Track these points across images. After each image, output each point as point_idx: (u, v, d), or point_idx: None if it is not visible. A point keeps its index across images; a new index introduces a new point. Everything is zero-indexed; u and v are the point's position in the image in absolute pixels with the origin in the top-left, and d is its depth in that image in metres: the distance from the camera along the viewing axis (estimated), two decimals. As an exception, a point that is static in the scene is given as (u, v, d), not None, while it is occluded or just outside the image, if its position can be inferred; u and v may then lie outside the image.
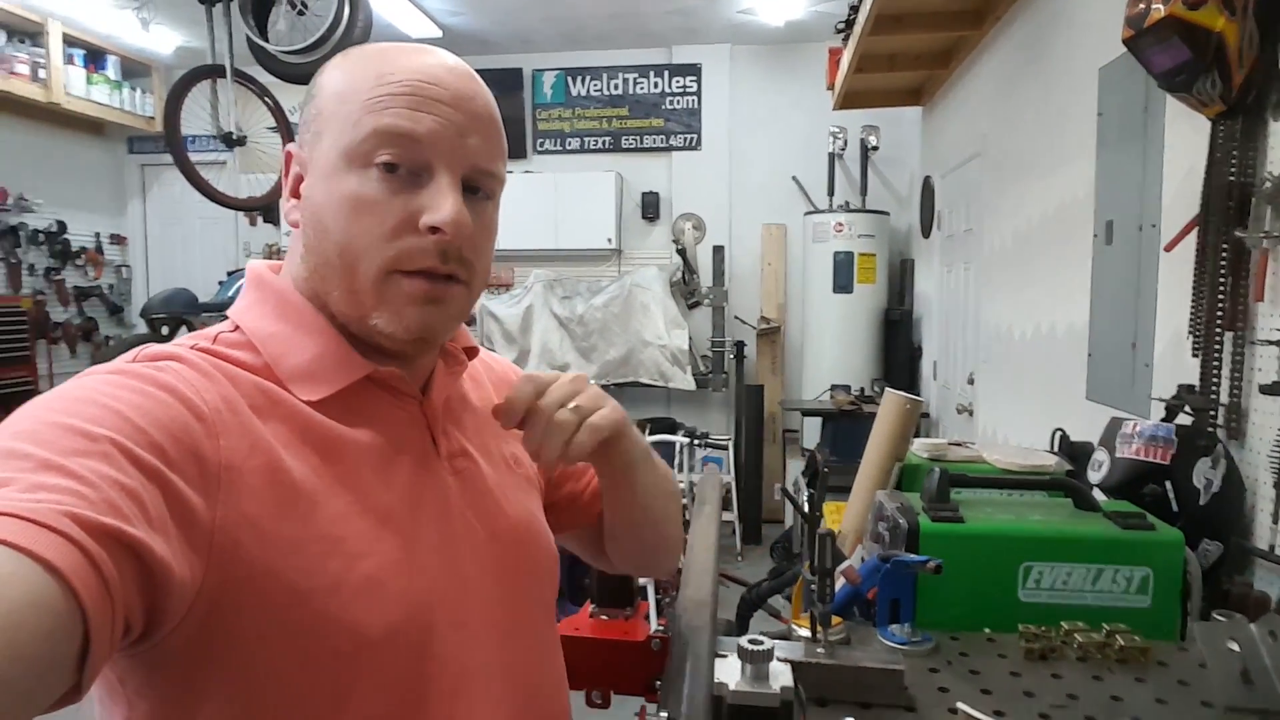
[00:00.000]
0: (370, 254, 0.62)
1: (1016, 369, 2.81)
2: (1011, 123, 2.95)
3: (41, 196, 5.13)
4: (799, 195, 5.57)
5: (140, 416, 0.52)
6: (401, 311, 0.63)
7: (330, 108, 0.64)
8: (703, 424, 5.34)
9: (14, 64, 4.78)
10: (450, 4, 4.82)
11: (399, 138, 0.62)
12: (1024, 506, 1.27)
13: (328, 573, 0.57)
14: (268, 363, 0.63)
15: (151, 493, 0.49)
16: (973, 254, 3.42)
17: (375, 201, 0.62)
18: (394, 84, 0.62)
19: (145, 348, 0.60)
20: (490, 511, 0.72)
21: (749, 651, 0.62)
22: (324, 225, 0.63)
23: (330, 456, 0.61)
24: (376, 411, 0.66)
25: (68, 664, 0.42)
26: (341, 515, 0.60)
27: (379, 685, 0.59)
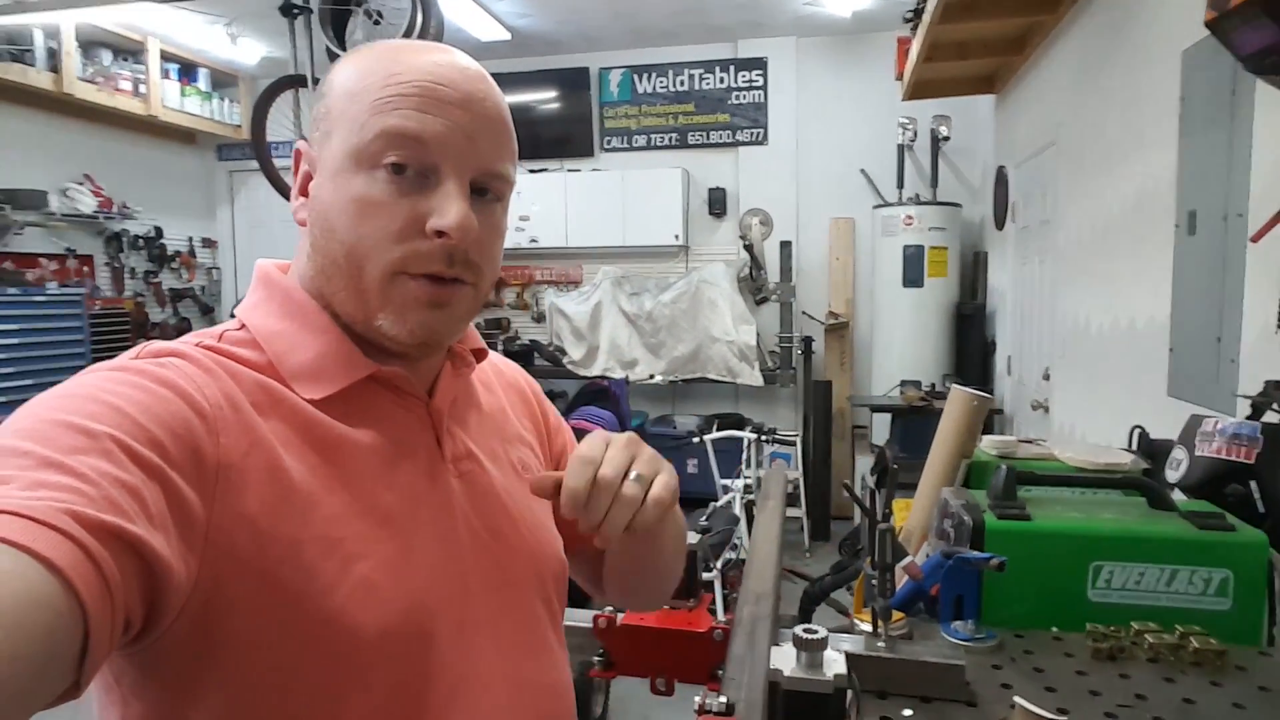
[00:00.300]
0: (376, 255, 0.62)
1: (1094, 364, 2.73)
2: (1089, 110, 2.86)
3: (141, 204, 5.45)
4: (867, 188, 5.48)
5: (141, 413, 0.52)
6: (406, 314, 0.63)
7: (339, 106, 0.63)
8: (770, 420, 5.32)
9: (118, 81, 5.10)
10: (518, 6, 4.91)
11: (406, 139, 0.61)
12: (1095, 505, 1.25)
13: (324, 573, 0.56)
14: (271, 361, 0.63)
15: (152, 490, 0.49)
16: (1048, 246, 3.32)
17: (382, 203, 0.61)
18: (403, 84, 0.61)
19: (149, 344, 0.60)
20: (495, 515, 0.70)
21: (804, 640, 0.64)
22: (331, 225, 0.63)
23: (330, 456, 0.61)
24: (380, 411, 0.65)
25: (68, 662, 0.42)
26: (339, 516, 0.59)
27: (376, 687, 0.59)
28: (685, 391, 5.87)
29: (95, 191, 5.19)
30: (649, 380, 5.58)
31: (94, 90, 4.93)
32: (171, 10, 4.51)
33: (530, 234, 5.89)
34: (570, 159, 6.03)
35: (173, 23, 4.92)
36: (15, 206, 4.55)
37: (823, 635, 0.65)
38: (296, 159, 0.67)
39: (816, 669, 0.64)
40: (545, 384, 5.73)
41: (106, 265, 5.44)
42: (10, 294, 4.38)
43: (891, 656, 0.86)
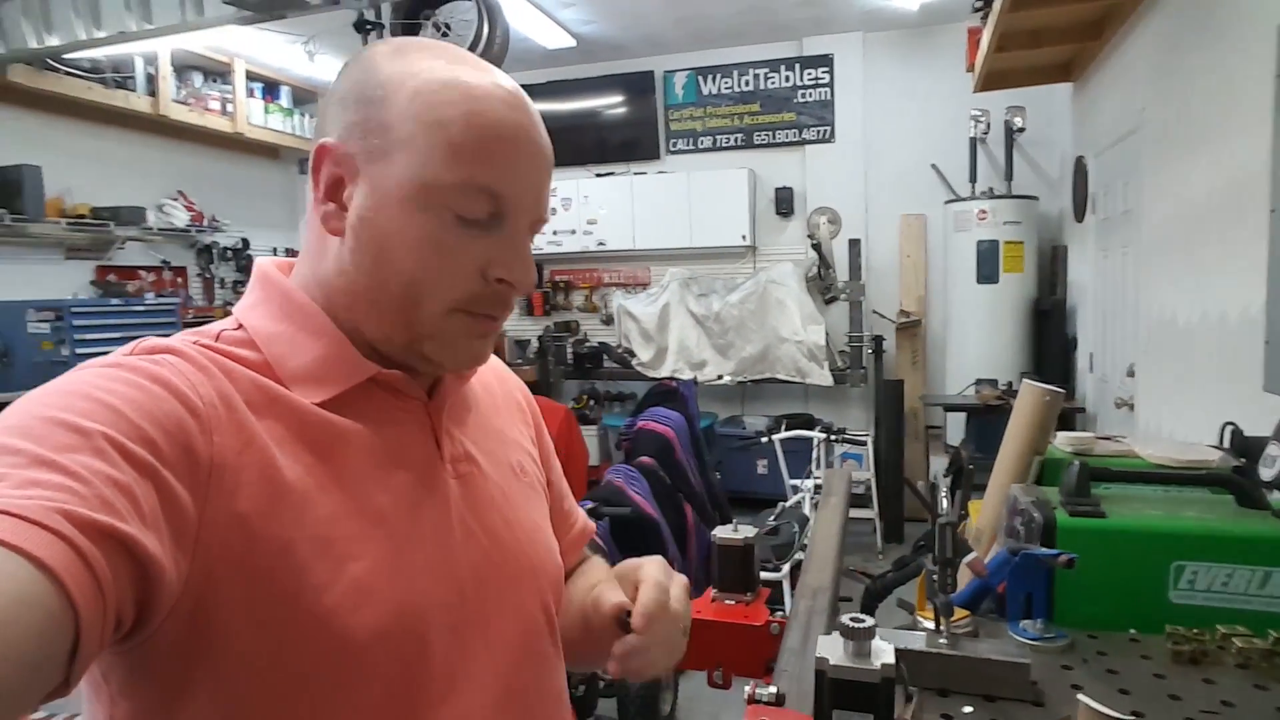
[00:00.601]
0: (438, 295, 0.62)
1: (1182, 359, 2.59)
2: (1174, 93, 2.72)
3: (229, 217, 5.73)
4: (938, 184, 5.35)
5: (133, 410, 0.51)
6: (456, 345, 0.64)
7: (406, 129, 0.61)
8: (841, 420, 5.24)
9: (208, 101, 5.38)
10: (583, 13, 4.97)
11: (483, 193, 0.61)
12: (1177, 503, 1.19)
13: (316, 574, 0.56)
14: (269, 361, 0.62)
15: (144, 488, 0.49)
16: (1131, 237, 3.17)
17: (450, 246, 0.61)
18: (484, 131, 0.61)
19: (143, 340, 0.59)
20: (492, 518, 0.70)
21: (850, 628, 0.63)
22: (388, 255, 0.61)
23: (326, 456, 0.60)
24: (378, 412, 0.64)
25: (58, 661, 0.42)
26: (333, 516, 0.58)
27: (367, 689, 0.58)
28: (754, 392, 5.83)
29: (188, 206, 5.48)
30: (717, 381, 5.56)
31: (186, 111, 5.21)
32: (255, 32, 4.73)
33: (598, 237, 5.95)
34: (636, 162, 6.07)
35: (256, 43, 5.16)
36: (118, 223, 4.84)
37: (870, 624, 0.64)
38: (319, 156, 0.63)
39: (864, 658, 0.63)
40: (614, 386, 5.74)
41: (198, 276, 5.73)
42: (114, 304, 4.66)
43: (953, 653, 0.84)
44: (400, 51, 0.64)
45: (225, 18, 3.34)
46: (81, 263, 4.90)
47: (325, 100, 0.66)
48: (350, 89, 0.64)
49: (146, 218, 5.06)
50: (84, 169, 4.88)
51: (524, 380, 0.91)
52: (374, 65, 0.63)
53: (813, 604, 0.86)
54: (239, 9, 3.16)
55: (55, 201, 4.59)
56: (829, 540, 1.06)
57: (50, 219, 4.45)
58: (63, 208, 4.64)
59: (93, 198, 4.82)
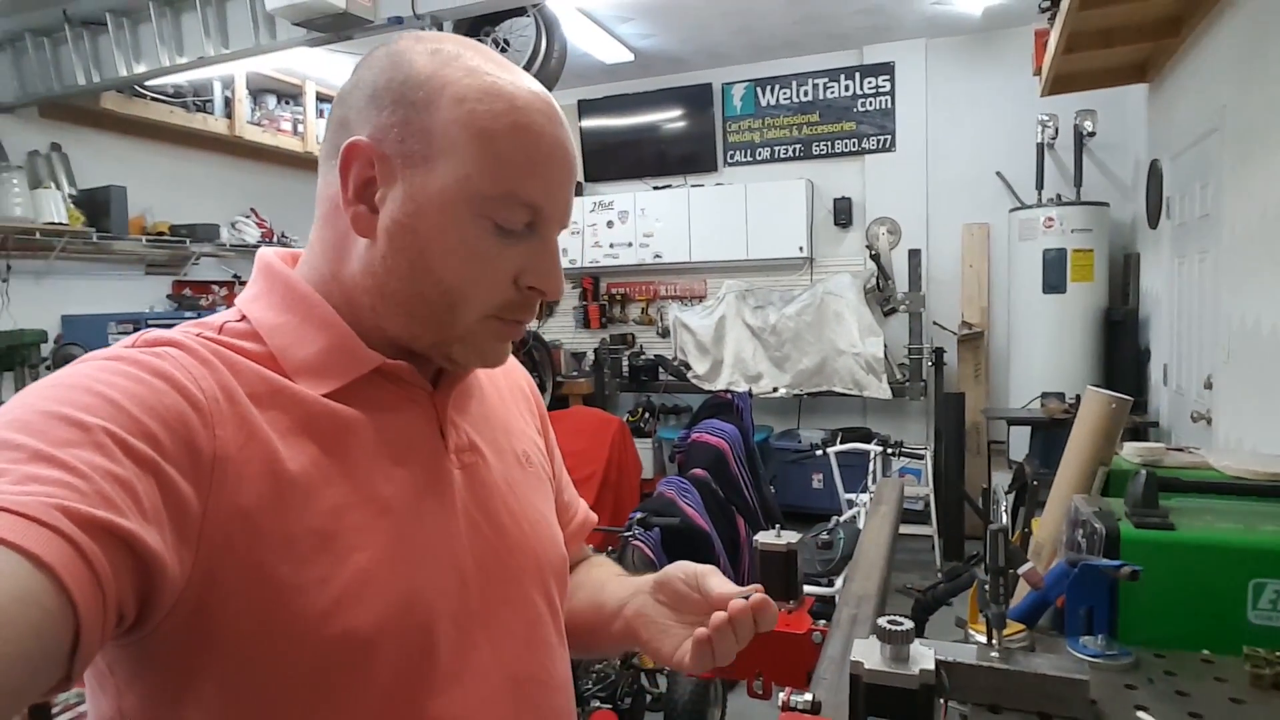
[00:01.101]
0: (475, 302, 0.63)
1: (1266, 370, 2.45)
2: (1258, 90, 2.59)
3: (298, 233, 5.93)
4: (1003, 191, 5.20)
5: (134, 404, 0.51)
6: (483, 347, 0.66)
7: (450, 136, 0.60)
8: (899, 434, 5.11)
9: (280, 122, 5.60)
10: (641, 28, 5.01)
11: (526, 206, 0.62)
12: (1256, 516, 1.12)
13: (319, 566, 0.56)
14: (273, 353, 0.61)
15: (145, 483, 0.49)
16: (1210, 241, 3.02)
17: (490, 255, 0.62)
18: (530, 146, 0.62)
19: (145, 332, 0.59)
20: (497, 508, 0.70)
21: (887, 631, 0.60)
22: (429, 262, 0.61)
23: (330, 447, 0.60)
24: (383, 402, 0.64)
25: (58, 657, 0.42)
26: (337, 507, 0.58)
27: (372, 679, 0.58)
28: (811, 405, 5.74)
29: (259, 223, 5.70)
30: (773, 394, 5.50)
31: (259, 131, 5.43)
32: (324, 54, 4.91)
33: (654, 249, 5.96)
34: (694, 174, 6.07)
35: (326, 65, 5.35)
36: (194, 239, 5.07)
37: (908, 627, 0.61)
38: (349, 155, 0.61)
39: (902, 663, 0.60)
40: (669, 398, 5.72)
41: (269, 290, 5.95)
42: (188, 317, 4.88)
43: (1005, 667, 0.80)
44: (437, 50, 0.63)
45: (295, 40, 3.47)
46: (160, 278, 5.14)
47: (351, 90, 0.64)
48: (385, 86, 0.62)
49: (220, 234, 5.28)
50: (164, 188, 5.13)
51: (579, 392, 0.92)
52: (410, 63, 0.62)
53: (856, 612, 0.83)
54: (308, 31, 3.28)
55: (137, 220, 4.83)
56: (877, 548, 1.03)
57: (133, 236, 4.69)
58: (144, 226, 4.88)
59: (171, 216, 5.06)
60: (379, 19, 3.14)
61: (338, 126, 0.64)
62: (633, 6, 4.63)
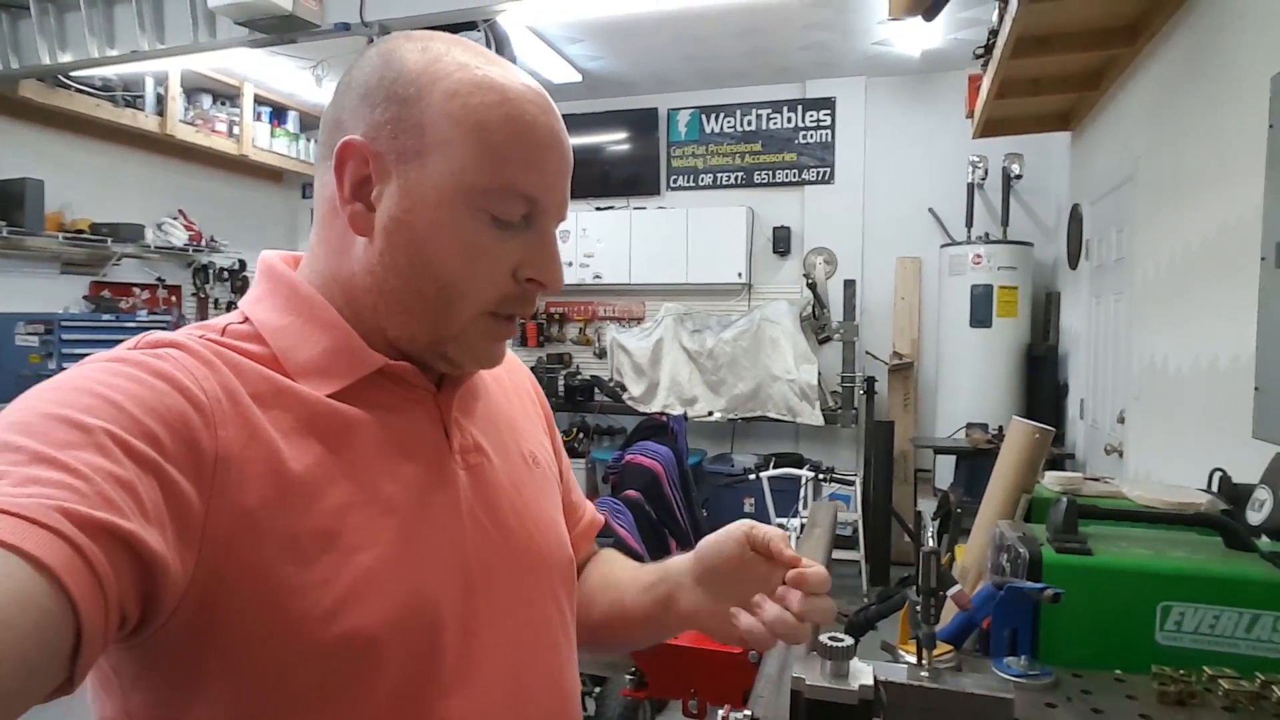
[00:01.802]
0: (473, 297, 0.62)
1: (1172, 406, 2.59)
2: (1168, 142, 2.76)
3: (228, 238, 5.75)
4: (935, 228, 5.40)
5: (135, 406, 0.51)
6: (478, 346, 0.65)
7: (442, 131, 0.60)
8: (830, 460, 5.21)
9: (215, 123, 5.44)
10: (591, 49, 5.05)
11: (522, 198, 0.62)
12: (1165, 543, 1.18)
13: (323, 566, 0.56)
14: (276, 355, 0.62)
15: (147, 484, 0.49)
16: (1124, 284, 3.19)
17: (487, 248, 0.62)
18: (524, 137, 0.61)
19: (147, 334, 0.59)
20: (503, 509, 0.69)
21: (828, 648, 0.61)
22: (426, 258, 0.61)
23: (334, 446, 0.59)
24: (387, 403, 0.64)
25: (59, 660, 0.42)
26: (342, 507, 0.58)
27: (378, 679, 0.57)
28: (745, 430, 5.80)
29: (187, 225, 5.50)
30: (708, 417, 5.54)
31: (193, 131, 5.26)
32: (266, 56, 4.80)
33: (594, 270, 5.97)
34: (637, 197, 6.12)
35: (266, 68, 5.23)
36: (116, 239, 4.86)
37: (849, 644, 0.62)
38: (344, 154, 0.61)
39: (841, 679, 0.61)
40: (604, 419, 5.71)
41: (193, 295, 5.73)
42: (105, 320, 4.66)
43: (934, 687, 0.82)
44: (427, 47, 0.63)
45: (236, 39, 3.39)
46: (77, 278, 4.91)
47: (343, 90, 0.65)
48: (376, 84, 0.62)
49: (145, 235, 5.08)
50: (87, 185, 4.91)
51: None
52: (400, 60, 0.62)
53: (792, 631, 0.84)
54: (250, 31, 3.20)
55: (55, 216, 4.61)
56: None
57: (48, 233, 4.47)
58: (62, 222, 4.66)
59: (94, 213, 4.84)
60: (325, 24, 3.09)
61: (332, 127, 0.64)
62: (583, 28, 4.67)
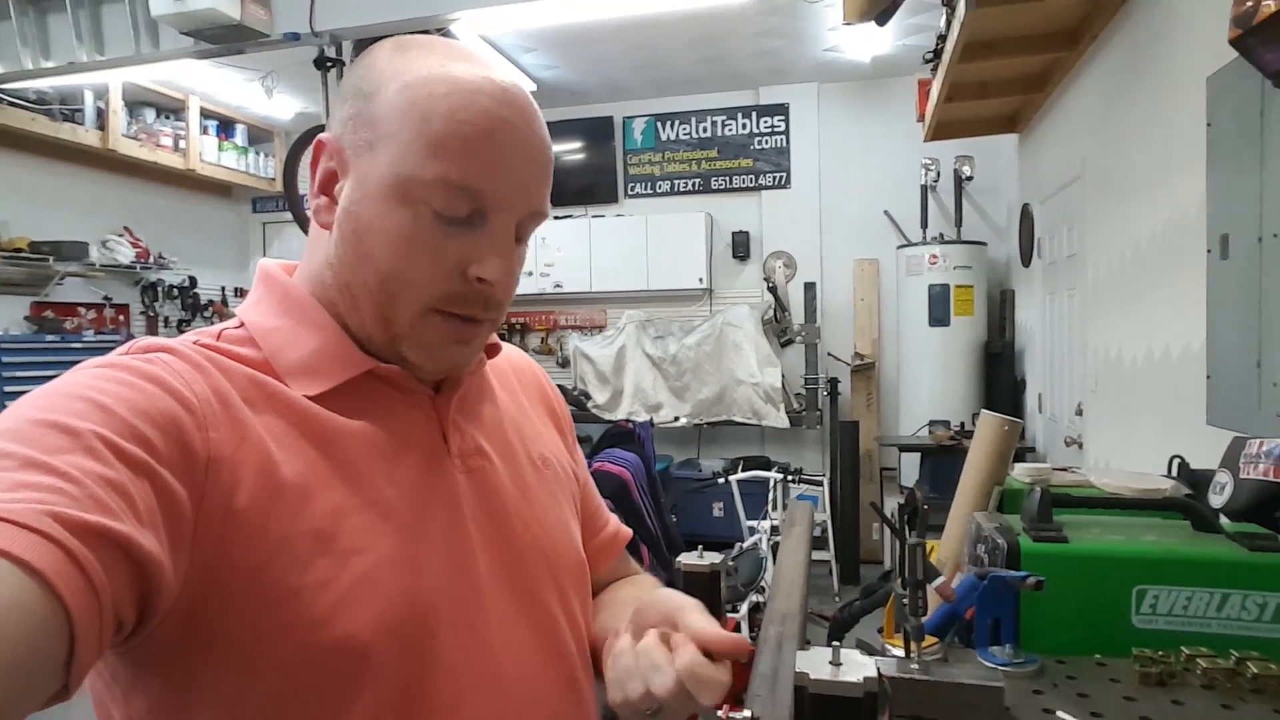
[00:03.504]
0: (413, 292, 0.61)
1: (1128, 397, 2.66)
2: (1113, 142, 2.85)
3: (176, 254, 5.60)
4: (891, 230, 5.49)
5: (126, 409, 0.50)
6: (432, 349, 0.63)
7: (391, 123, 0.60)
8: (797, 462, 5.26)
9: (160, 137, 5.30)
10: (545, 59, 5.04)
11: (462, 191, 0.59)
12: (1136, 528, 1.20)
13: (318, 569, 0.55)
14: (267, 358, 0.61)
15: (139, 486, 0.48)
16: (1076, 279, 3.28)
17: (426, 242, 0.60)
18: (466, 126, 0.59)
19: (138, 340, 0.59)
20: (506, 513, 0.68)
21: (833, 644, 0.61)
22: (367, 250, 0.61)
23: (329, 449, 0.59)
24: (382, 406, 0.64)
25: (53, 667, 0.41)
26: (336, 510, 0.57)
27: (378, 685, 0.56)
28: (711, 435, 5.82)
29: (134, 243, 5.34)
30: (674, 423, 5.55)
31: (136, 146, 5.12)
32: (212, 68, 4.69)
33: (554, 279, 5.95)
34: (595, 205, 6.11)
35: (213, 81, 5.11)
36: (58, 258, 4.70)
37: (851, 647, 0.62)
38: (317, 152, 0.64)
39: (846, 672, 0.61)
40: (570, 426, 5.66)
41: (142, 314, 5.57)
42: (49, 340, 4.50)
43: (925, 679, 0.82)
44: (402, 47, 0.63)
45: (181, 50, 3.30)
46: (16, 298, 4.73)
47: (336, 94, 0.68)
48: (350, 83, 0.64)
49: (89, 253, 4.92)
50: (25, 202, 4.74)
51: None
52: (374, 60, 0.63)
53: (782, 629, 0.84)
54: (196, 42, 3.12)
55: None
56: (796, 567, 1.04)
57: (-15, 252, 4.31)
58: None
59: (33, 231, 4.67)
60: (274, 34, 3.03)
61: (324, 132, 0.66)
62: (536, 37, 4.66)
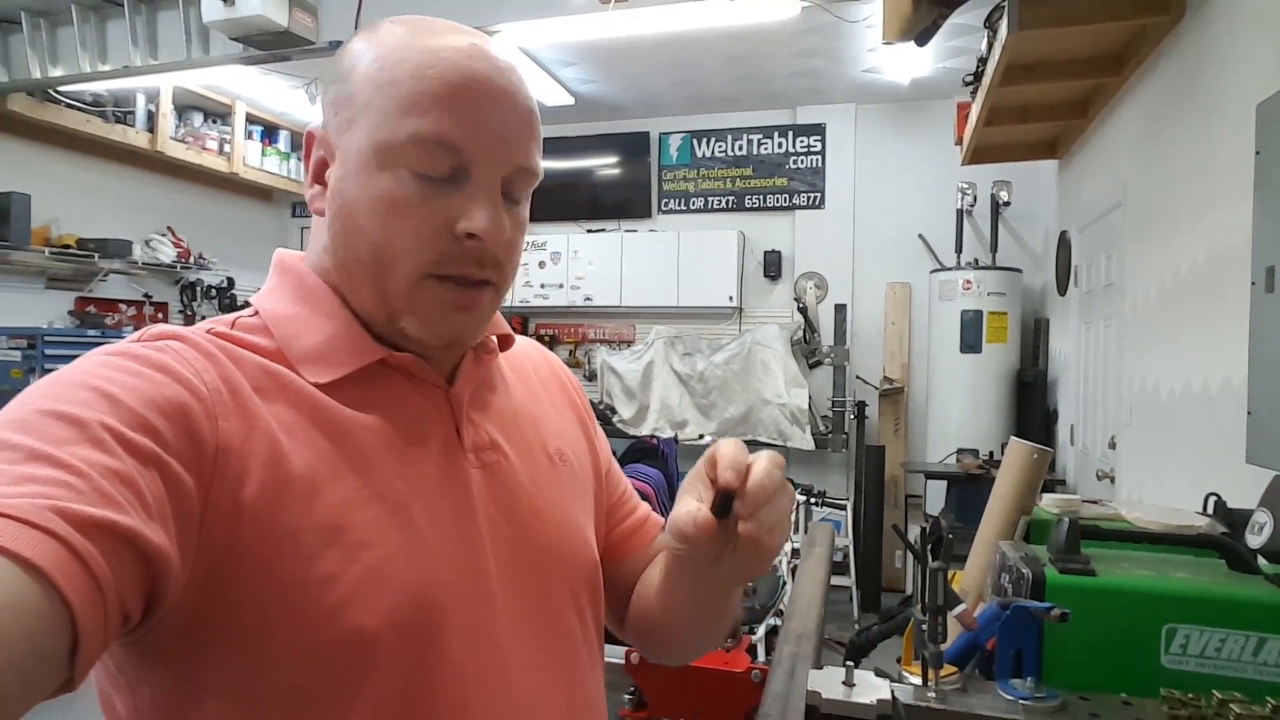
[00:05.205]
0: (405, 258, 0.60)
1: (1164, 431, 2.59)
2: (1156, 170, 2.79)
3: (216, 255, 5.71)
4: (925, 253, 5.43)
5: (134, 399, 0.50)
6: (432, 317, 0.61)
7: (364, 95, 0.60)
8: (821, 484, 5.19)
9: (206, 140, 5.43)
10: (583, 73, 5.09)
11: (439, 145, 0.59)
12: (1167, 564, 1.16)
13: (327, 562, 0.54)
14: (280, 347, 0.61)
15: (148, 476, 0.48)
16: (1114, 310, 3.21)
17: (411, 204, 0.59)
18: (435, 81, 0.59)
19: (151, 327, 0.58)
20: (519, 508, 0.67)
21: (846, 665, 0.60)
22: (357, 223, 0.61)
23: (339, 440, 0.58)
24: (394, 398, 0.63)
25: (56, 662, 0.41)
26: (346, 502, 0.56)
27: (384, 679, 0.56)
28: (735, 453, 5.77)
29: (175, 243, 5.46)
30: (699, 440, 5.52)
31: (183, 149, 5.24)
32: (259, 75, 4.80)
33: (585, 292, 5.97)
34: (628, 220, 6.13)
35: (259, 87, 5.23)
36: (103, 255, 4.81)
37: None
38: (308, 143, 0.65)
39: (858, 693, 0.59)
40: (594, 439, 5.68)
41: (180, 313, 5.68)
42: (90, 335, 4.60)
43: (942, 708, 0.80)
44: (373, 27, 0.64)
45: (230, 56, 3.38)
46: (62, 293, 4.85)
47: None
48: (330, 72, 0.65)
49: (133, 251, 5.03)
50: (75, 200, 4.87)
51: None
52: (350, 44, 0.65)
53: (798, 650, 0.82)
54: (244, 48, 3.20)
55: (41, 230, 4.57)
56: (814, 588, 1.02)
57: (34, 247, 4.42)
58: (48, 237, 4.62)
59: (81, 229, 4.80)
60: (320, 41, 3.09)
61: None
62: (576, 51, 4.71)
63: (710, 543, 0.57)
